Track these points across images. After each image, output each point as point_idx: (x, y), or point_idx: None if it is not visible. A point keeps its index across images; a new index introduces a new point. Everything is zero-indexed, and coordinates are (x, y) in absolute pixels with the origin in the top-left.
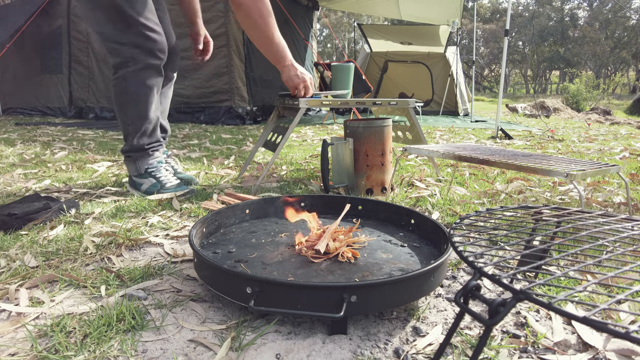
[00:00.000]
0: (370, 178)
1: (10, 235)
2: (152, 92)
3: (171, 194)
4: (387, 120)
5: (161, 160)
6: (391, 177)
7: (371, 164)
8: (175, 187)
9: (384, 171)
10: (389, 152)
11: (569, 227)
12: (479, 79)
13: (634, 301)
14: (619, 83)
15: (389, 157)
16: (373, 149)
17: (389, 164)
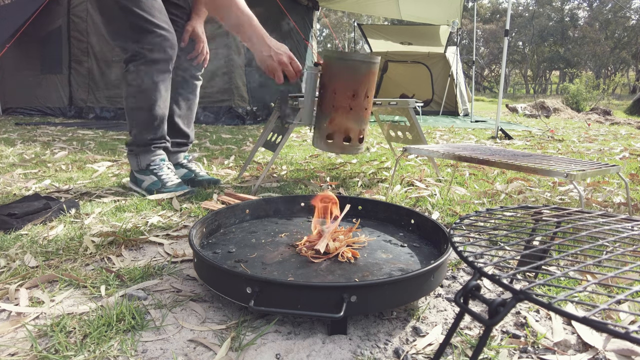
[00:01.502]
0: (334, 122)
1: (10, 235)
2: (158, 87)
3: (171, 193)
4: (372, 58)
5: (164, 158)
6: (362, 130)
7: (337, 106)
8: (175, 187)
9: (352, 118)
10: (366, 97)
11: (569, 227)
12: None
13: (634, 301)
14: (619, 83)
15: (365, 104)
16: (343, 87)
17: (364, 112)
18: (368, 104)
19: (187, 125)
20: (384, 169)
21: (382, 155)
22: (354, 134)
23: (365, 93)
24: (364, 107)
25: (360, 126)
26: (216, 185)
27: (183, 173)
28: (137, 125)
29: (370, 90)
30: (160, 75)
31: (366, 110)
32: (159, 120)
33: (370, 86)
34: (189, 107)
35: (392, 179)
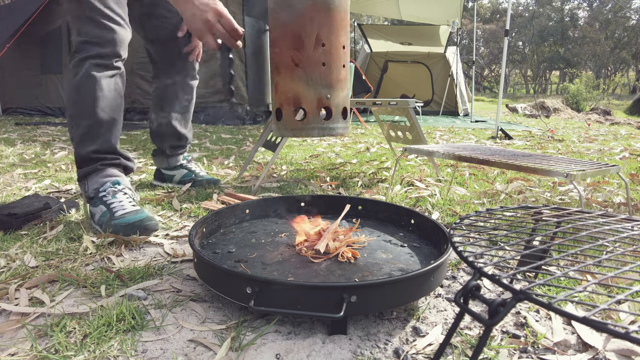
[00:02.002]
0: (278, 90)
1: (10, 235)
2: (100, 85)
3: (125, 225)
4: None
5: (118, 181)
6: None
7: (279, 64)
8: (128, 218)
9: (299, 78)
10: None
11: (569, 227)
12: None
13: (634, 301)
14: (619, 83)
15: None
16: (280, 35)
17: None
18: (329, 55)
19: (185, 126)
20: (384, 169)
21: (382, 155)
22: (309, 103)
23: (316, 37)
24: (319, 60)
25: (319, 91)
26: (216, 185)
27: (183, 174)
28: (76, 133)
29: (333, 34)
30: (104, 72)
31: (326, 65)
32: (105, 126)
33: (328, 27)
34: (187, 109)
35: (392, 179)
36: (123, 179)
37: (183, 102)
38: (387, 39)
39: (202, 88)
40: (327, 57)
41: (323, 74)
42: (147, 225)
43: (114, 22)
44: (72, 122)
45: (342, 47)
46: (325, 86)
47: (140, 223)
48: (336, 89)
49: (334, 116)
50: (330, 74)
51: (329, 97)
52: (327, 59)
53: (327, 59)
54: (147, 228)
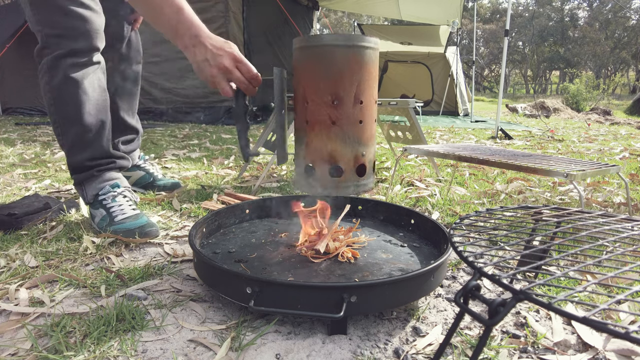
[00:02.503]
0: (310, 147)
1: (10, 235)
2: (82, 87)
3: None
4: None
5: (117, 183)
6: (361, 154)
7: (312, 120)
8: (128, 224)
9: (337, 136)
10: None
11: (569, 227)
12: (479, 79)
13: (634, 301)
14: (619, 83)
15: (358, 113)
16: (316, 90)
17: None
18: (365, 111)
19: (132, 116)
20: (384, 169)
21: (382, 155)
22: (346, 161)
23: (355, 95)
24: (356, 118)
25: (357, 149)
26: (178, 188)
27: (140, 176)
28: (66, 143)
29: (368, 90)
30: (83, 71)
31: (362, 123)
32: (95, 131)
33: (365, 83)
34: (133, 97)
35: (392, 179)
36: (122, 181)
37: (128, 88)
38: (387, 39)
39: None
40: (364, 114)
41: (360, 132)
42: (148, 231)
43: (85, 7)
44: (57, 129)
45: (374, 102)
46: (361, 144)
47: (141, 230)
48: (369, 145)
49: (368, 172)
50: (366, 131)
51: (364, 154)
52: (364, 116)
53: (364, 116)
54: (148, 234)
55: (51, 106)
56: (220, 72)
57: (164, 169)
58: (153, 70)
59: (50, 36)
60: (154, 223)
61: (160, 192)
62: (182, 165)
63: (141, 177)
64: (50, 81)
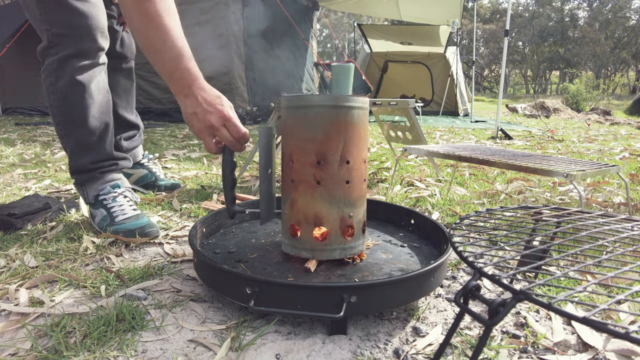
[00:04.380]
0: (295, 207)
1: (10, 235)
2: (88, 90)
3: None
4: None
5: (118, 184)
6: (347, 216)
7: (297, 179)
8: (128, 224)
9: (321, 197)
10: (344, 161)
11: (569, 227)
12: (479, 79)
13: (634, 301)
14: (619, 83)
15: (345, 173)
16: (300, 150)
17: (345, 186)
18: (352, 172)
19: (131, 112)
20: (384, 169)
21: (382, 155)
22: (332, 223)
23: (341, 155)
24: (342, 179)
25: (343, 210)
26: (178, 189)
27: (142, 174)
28: (69, 146)
29: (355, 150)
30: (89, 73)
31: (350, 183)
32: (98, 135)
33: (352, 143)
34: (129, 93)
35: (392, 179)
36: (123, 181)
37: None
38: (387, 39)
39: None
40: (351, 174)
41: (346, 193)
42: (148, 232)
43: (90, 5)
44: (60, 132)
45: (363, 162)
46: (348, 204)
47: (142, 230)
48: (358, 206)
49: (356, 234)
50: (353, 192)
51: (352, 215)
52: (351, 176)
53: (351, 176)
54: (148, 235)
55: (55, 108)
56: (206, 129)
57: (164, 169)
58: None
59: (57, 35)
60: (154, 223)
61: (160, 192)
62: (182, 165)
63: (143, 176)
64: (56, 83)
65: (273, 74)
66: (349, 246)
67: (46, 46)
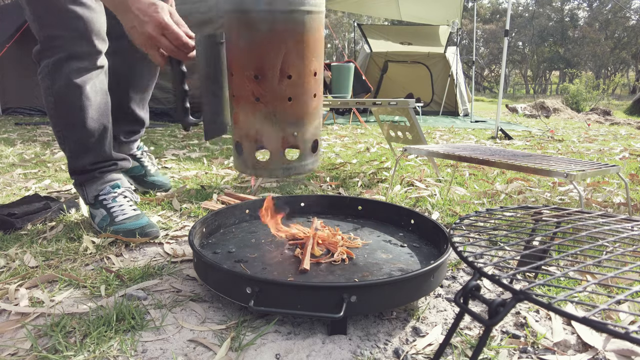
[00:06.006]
0: (238, 123)
1: (10, 235)
2: (85, 94)
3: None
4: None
5: (118, 184)
6: (289, 135)
7: (238, 95)
8: (128, 224)
9: (260, 115)
10: (285, 76)
11: (569, 227)
12: (479, 79)
13: (634, 301)
14: (619, 83)
15: (286, 89)
16: (239, 63)
17: (286, 104)
18: (296, 87)
19: (143, 108)
20: (384, 169)
21: (382, 155)
22: (273, 143)
23: (281, 69)
24: (284, 95)
25: (285, 128)
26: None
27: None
28: (68, 148)
29: (300, 62)
30: (83, 74)
31: (293, 100)
32: (97, 136)
33: (295, 54)
34: (147, 88)
35: (392, 179)
36: (122, 181)
37: (146, 81)
38: (387, 39)
39: None
40: (295, 90)
41: (289, 110)
42: (148, 232)
43: (85, 7)
44: (58, 134)
45: (313, 75)
46: (291, 123)
47: (142, 230)
48: (305, 124)
49: (303, 154)
50: (298, 109)
51: (296, 134)
52: (295, 92)
53: (295, 93)
54: (148, 235)
55: (52, 110)
56: (147, 41)
57: (164, 169)
58: None
59: (50, 38)
60: (154, 224)
61: (148, 189)
62: (182, 165)
63: (133, 169)
64: (52, 86)
65: None
66: (292, 166)
67: (40, 49)
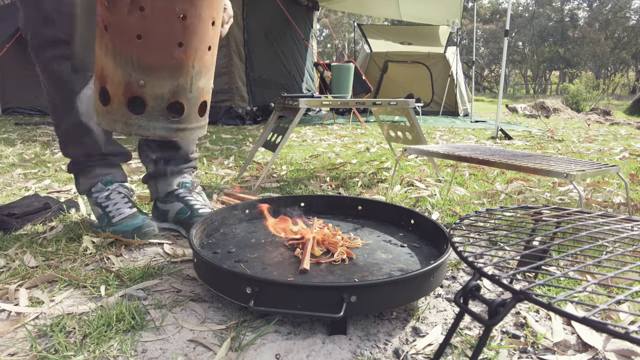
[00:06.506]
0: (96, 52)
1: (10, 235)
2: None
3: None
4: None
5: (110, 179)
6: (133, 83)
7: (97, 20)
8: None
9: (107, 49)
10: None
11: (569, 227)
12: (479, 79)
13: (634, 301)
14: (619, 83)
15: (144, 25)
16: None
17: (136, 43)
18: (149, 24)
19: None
20: (384, 169)
21: (382, 155)
22: (114, 86)
23: None
24: (132, 31)
25: (130, 74)
26: None
27: (178, 209)
28: (58, 133)
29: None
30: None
31: (143, 39)
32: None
33: None
34: None
35: (392, 179)
36: (115, 176)
37: None
38: (387, 39)
39: None
40: (145, 28)
41: (137, 51)
42: (145, 232)
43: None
44: (53, 120)
45: (177, 18)
46: (138, 68)
47: (139, 230)
48: (157, 77)
49: (150, 111)
50: (149, 53)
51: (143, 85)
52: (145, 29)
53: (145, 30)
54: (146, 235)
55: (45, 96)
56: None
57: None
58: None
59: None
60: (151, 222)
61: None
62: None
63: (178, 211)
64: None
65: (273, 74)
66: (135, 123)
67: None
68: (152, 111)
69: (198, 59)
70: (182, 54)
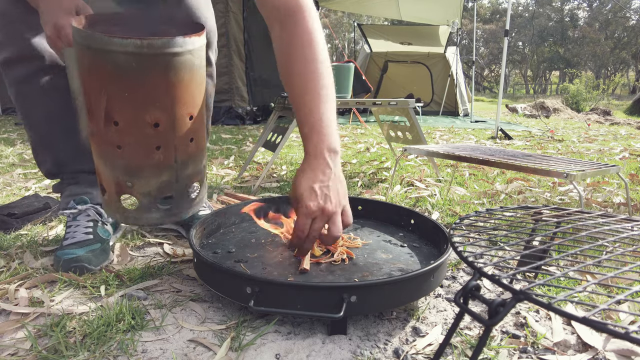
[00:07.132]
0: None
1: (10, 235)
2: (26, 98)
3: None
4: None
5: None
6: (128, 186)
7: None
8: (68, 252)
9: (97, 153)
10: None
11: (569, 227)
12: (479, 79)
13: (634, 301)
14: (619, 83)
15: (112, 134)
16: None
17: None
18: (124, 136)
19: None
20: (384, 169)
21: (382, 155)
22: (108, 184)
23: (106, 113)
24: (111, 142)
25: (117, 176)
26: None
27: None
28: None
29: (130, 108)
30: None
31: (122, 149)
32: (48, 142)
33: (123, 99)
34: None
35: (392, 179)
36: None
37: None
38: (387, 39)
39: None
40: (123, 139)
41: (118, 158)
42: (73, 267)
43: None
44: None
45: (150, 126)
46: (124, 172)
47: (67, 264)
48: (142, 177)
49: (141, 206)
50: (130, 160)
51: (130, 185)
52: (123, 140)
53: (123, 141)
54: (70, 269)
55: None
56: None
57: None
58: None
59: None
60: (91, 258)
61: None
62: None
63: None
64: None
65: (273, 74)
66: (131, 216)
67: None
68: (143, 206)
69: (180, 154)
70: (161, 155)
